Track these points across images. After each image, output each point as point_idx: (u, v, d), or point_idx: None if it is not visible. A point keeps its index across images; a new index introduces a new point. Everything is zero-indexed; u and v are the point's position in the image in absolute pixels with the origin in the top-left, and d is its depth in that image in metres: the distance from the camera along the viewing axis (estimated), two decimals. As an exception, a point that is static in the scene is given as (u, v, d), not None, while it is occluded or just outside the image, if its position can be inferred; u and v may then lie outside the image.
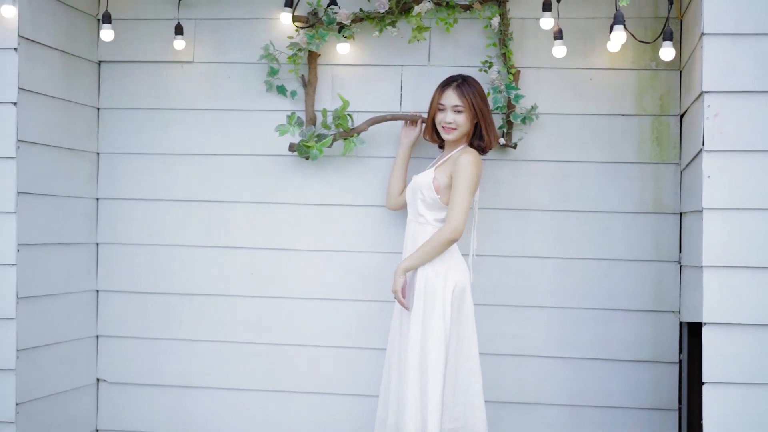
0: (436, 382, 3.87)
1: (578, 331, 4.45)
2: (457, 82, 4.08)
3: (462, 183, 3.94)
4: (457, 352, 3.95)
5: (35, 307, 4.24)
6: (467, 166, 3.96)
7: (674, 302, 4.39)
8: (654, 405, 4.41)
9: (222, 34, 4.65)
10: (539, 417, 4.48)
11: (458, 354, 3.95)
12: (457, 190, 3.95)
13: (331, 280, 4.60)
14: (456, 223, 3.92)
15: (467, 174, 3.95)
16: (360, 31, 4.50)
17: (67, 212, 4.51)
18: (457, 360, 3.95)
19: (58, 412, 4.46)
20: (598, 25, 4.41)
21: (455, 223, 3.92)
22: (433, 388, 3.87)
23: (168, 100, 4.69)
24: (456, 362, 3.95)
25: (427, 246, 3.97)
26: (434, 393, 3.87)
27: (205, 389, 4.68)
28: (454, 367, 3.94)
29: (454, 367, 3.94)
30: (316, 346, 4.61)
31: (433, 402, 3.86)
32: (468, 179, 3.95)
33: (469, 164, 3.96)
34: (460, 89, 4.05)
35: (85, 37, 4.62)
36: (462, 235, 3.96)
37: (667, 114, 4.40)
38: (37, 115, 4.23)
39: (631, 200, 4.42)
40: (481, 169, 4.04)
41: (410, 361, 3.91)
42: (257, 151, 4.62)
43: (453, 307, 3.94)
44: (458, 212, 3.93)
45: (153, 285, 4.71)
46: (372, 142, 4.51)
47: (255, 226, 4.64)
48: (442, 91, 4.10)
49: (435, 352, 3.89)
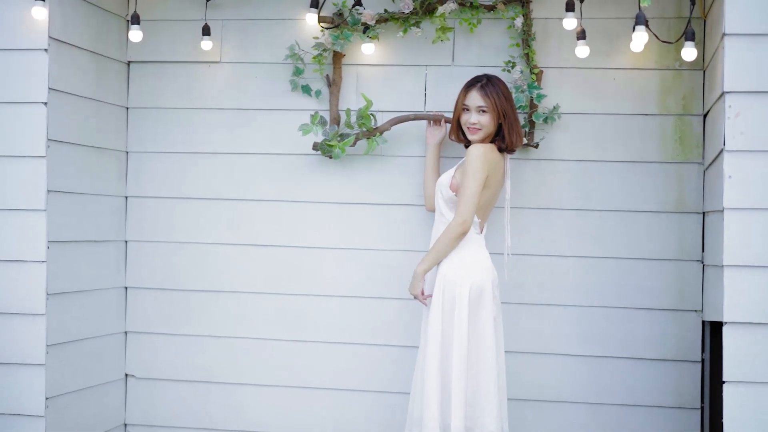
0: (458, 380, 3.89)
1: (601, 329, 4.46)
2: (481, 83, 4.09)
3: (468, 175, 3.95)
4: (475, 352, 3.97)
5: (65, 303, 4.31)
6: (473, 160, 3.95)
7: (697, 301, 4.38)
8: (676, 404, 4.41)
9: (248, 35, 4.70)
10: (561, 415, 4.49)
11: (476, 354, 3.97)
12: (463, 183, 3.96)
13: (355, 277, 4.63)
14: (463, 216, 3.93)
15: (473, 166, 3.94)
16: (384, 32, 4.53)
17: (97, 210, 4.57)
18: (470, 360, 3.96)
19: (87, 407, 4.52)
20: (621, 25, 4.40)
21: (461, 216, 3.93)
22: (456, 387, 3.88)
23: (195, 99, 4.75)
24: (473, 361, 3.96)
25: (438, 244, 4.00)
26: (457, 391, 3.88)
27: (231, 385, 4.74)
28: (474, 365, 3.96)
29: (474, 365, 3.96)
30: (340, 343, 4.64)
31: (456, 400, 3.88)
32: (474, 171, 3.94)
33: (475, 157, 3.96)
34: (484, 90, 4.07)
35: (114, 37, 4.68)
36: (470, 227, 3.96)
37: (690, 114, 4.39)
38: (66, 114, 4.30)
39: (654, 199, 4.42)
40: (492, 160, 4.01)
41: (430, 360, 3.93)
42: (282, 150, 4.67)
43: (471, 307, 3.95)
44: (464, 204, 3.93)
45: (180, 282, 4.77)
46: (395, 142, 4.54)
47: (279, 224, 4.68)
48: (467, 92, 4.12)
49: (456, 352, 3.90)
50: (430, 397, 3.90)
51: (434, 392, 3.91)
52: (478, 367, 3.96)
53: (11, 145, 4.15)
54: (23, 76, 4.14)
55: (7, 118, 4.15)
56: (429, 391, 3.91)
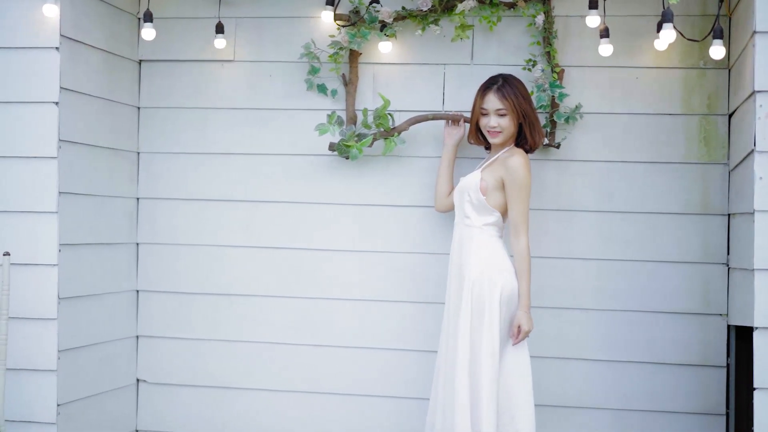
0: (490, 387, 3.81)
1: (623, 333, 4.38)
2: (497, 85, 4.01)
3: (521, 190, 3.90)
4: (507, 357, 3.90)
5: (77, 307, 4.23)
6: (521, 175, 3.90)
7: (722, 305, 4.31)
8: (700, 410, 4.34)
9: (263, 33, 4.62)
10: (582, 421, 4.42)
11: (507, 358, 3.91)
12: (517, 197, 3.90)
13: (371, 281, 4.55)
14: (527, 232, 3.91)
15: (524, 182, 3.90)
16: (402, 30, 4.45)
17: (108, 212, 4.49)
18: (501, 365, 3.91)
19: (99, 413, 4.45)
20: (644, 23, 4.33)
21: (526, 234, 3.91)
22: (488, 394, 3.80)
23: (208, 99, 4.67)
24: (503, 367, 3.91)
25: (522, 271, 3.90)
26: (489, 399, 3.80)
27: (245, 390, 4.66)
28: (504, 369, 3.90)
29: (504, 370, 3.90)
30: (356, 347, 4.57)
31: (487, 410, 3.79)
32: (525, 186, 3.90)
33: (521, 168, 3.90)
34: (501, 92, 3.99)
35: (125, 36, 4.60)
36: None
37: (715, 113, 4.32)
38: (78, 114, 4.22)
39: (677, 201, 4.35)
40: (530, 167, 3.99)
41: (459, 368, 3.84)
42: (297, 150, 4.59)
43: (501, 311, 3.87)
44: (524, 221, 3.91)
45: (193, 285, 4.69)
46: (413, 142, 4.46)
47: (295, 226, 4.61)
48: (484, 95, 4.04)
49: (487, 358, 3.82)
50: (462, 407, 3.81)
51: (466, 401, 3.82)
52: (507, 371, 3.89)
53: (22, 146, 4.07)
54: (34, 75, 4.06)
55: (18, 118, 4.07)
56: (460, 400, 3.82)
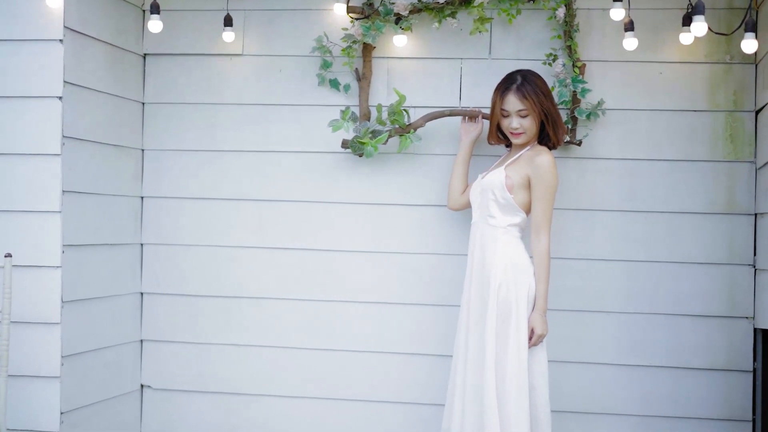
0: (520, 391, 3.69)
1: (646, 337, 4.27)
2: (516, 84, 3.86)
3: (547, 190, 3.79)
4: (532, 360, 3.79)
5: (80, 311, 4.09)
6: (549, 171, 3.79)
7: (748, 308, 4.20)
8: (726, 415, 4.23)
9: (273, 26, 4.49)
10: (604, 427, 4.31)
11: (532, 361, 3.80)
12: (543, 197, 3.78)
13: (386, 282, 4.43)
14: (548, 234, 3.80)
15: (552, 182, 3.79)
16: (418, 23, 4.32)
17: (112, 212, 4.35)
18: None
19: (102, 420, 4.32)
20: (668, 17, 4.21)
21: (548, 234, 3.80)
22: (517, 401, 3.68)
23: (216, 94, 4.54)
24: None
25: (540, 272, 3.79)
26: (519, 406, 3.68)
27: (254, 396, 4.54)
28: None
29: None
30: (370, 351, 4.45)
31: (517, 416, 3.68)
32: (553, 186, 3.80)
33: (551, 167, 3.79)
34: (521, 91, 3.84)
35: (131, 28, 4.46)
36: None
37: (741, 110, 4.21)
38: (82, 110, 4.08)
39: (702, 200, 4.24)
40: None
41: (488, 371, 3.72)
42: (309, 147, 4.46)
43: (528, 314, 3.77)
44: (548, 221, 3.80)
45: (200, 287, 4.56)
46: (429, 139, 4.33)
47: (306, 226, 4.48)
48: (503, 96, 3.89)
49: (514, 362, 3.71)
50: (491, 408, 3.69)
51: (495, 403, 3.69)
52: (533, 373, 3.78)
53: (24, 143, 3.94)
54: (37, 68, 3.92)
55: (20, 113, 3.93)
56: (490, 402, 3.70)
